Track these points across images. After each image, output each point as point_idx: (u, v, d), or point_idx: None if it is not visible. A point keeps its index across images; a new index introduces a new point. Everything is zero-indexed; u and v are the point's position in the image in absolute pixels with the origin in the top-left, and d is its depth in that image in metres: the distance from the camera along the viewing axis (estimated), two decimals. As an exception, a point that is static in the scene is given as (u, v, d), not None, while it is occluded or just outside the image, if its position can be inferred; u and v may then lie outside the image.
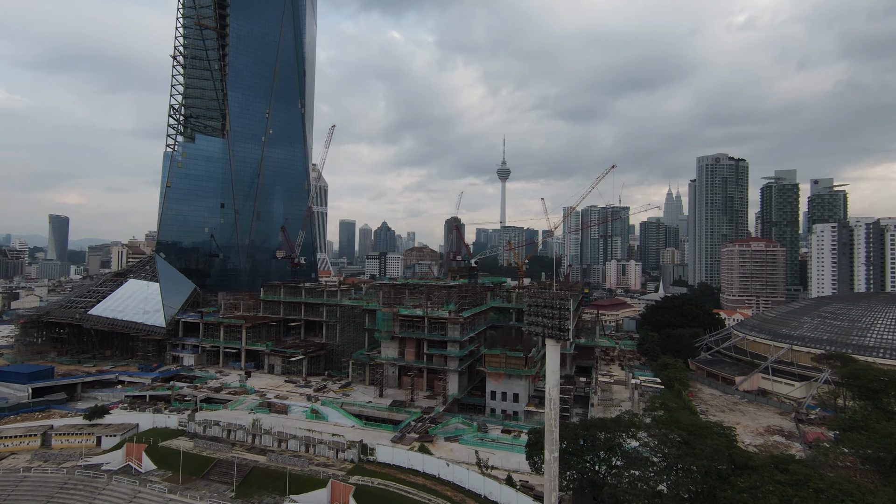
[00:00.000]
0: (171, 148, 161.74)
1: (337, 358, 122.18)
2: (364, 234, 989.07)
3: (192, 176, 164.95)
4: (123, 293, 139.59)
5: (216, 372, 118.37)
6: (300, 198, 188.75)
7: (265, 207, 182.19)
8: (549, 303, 49.97)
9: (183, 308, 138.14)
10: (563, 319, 48.61)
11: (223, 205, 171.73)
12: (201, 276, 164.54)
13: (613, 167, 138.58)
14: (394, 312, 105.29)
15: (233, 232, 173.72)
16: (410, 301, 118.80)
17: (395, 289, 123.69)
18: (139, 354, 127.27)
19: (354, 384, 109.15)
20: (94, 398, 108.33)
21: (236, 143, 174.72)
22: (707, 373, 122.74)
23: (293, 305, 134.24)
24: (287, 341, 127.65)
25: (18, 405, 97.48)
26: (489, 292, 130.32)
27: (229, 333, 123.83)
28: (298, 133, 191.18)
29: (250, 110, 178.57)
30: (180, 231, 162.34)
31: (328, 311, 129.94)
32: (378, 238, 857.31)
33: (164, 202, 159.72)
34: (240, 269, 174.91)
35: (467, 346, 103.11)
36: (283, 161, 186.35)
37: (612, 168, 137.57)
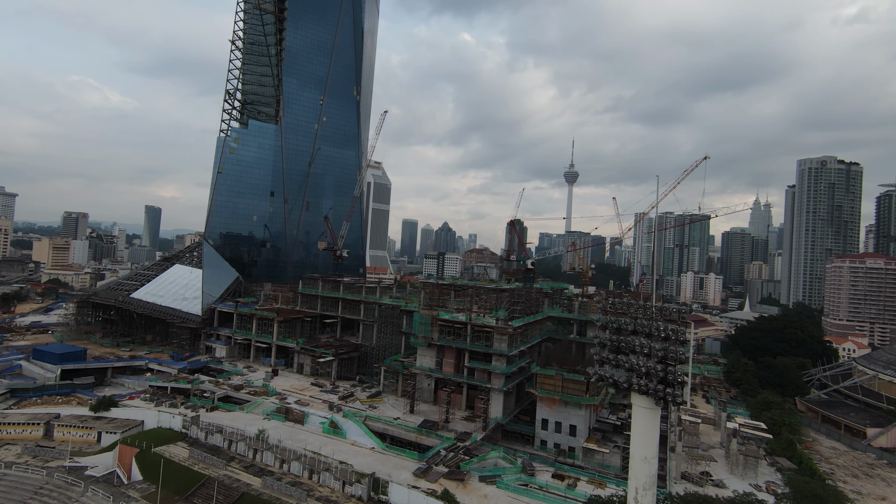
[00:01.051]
0: (225, 134, 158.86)
1: (371, 361, 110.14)
2: (425, 233, 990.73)
3: (244, 163, 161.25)
4: (166, 278, 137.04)
5: (244, 367, 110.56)
6: (352, 189, 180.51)
7: (315, 198, 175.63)
8: (644, 327, 32.28)
9: (222, 297, 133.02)
10: (671, 362, 30.67)
11: (273, 193, 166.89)
12: (247, 266, 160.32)
13: (706, 158, 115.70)
14: (432, 316, 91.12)
15: (281, 222, 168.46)
16: (455, 304, 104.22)
17: (440, 289, 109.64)
18: (174, 342, 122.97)
19: (385, 394, 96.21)
20: (122, 384, 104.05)
21: (289, 130, 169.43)
22: (823, 417, 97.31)
23: (331, 301, 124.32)
24: (321, 339, 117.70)
25: (43, 387, 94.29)
26: (547, 299, 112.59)
27: (261, 327, 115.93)
28: (353, 122, 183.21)
29: (304, 97, 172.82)
30: (229, 218, 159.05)
31: (366, 310, 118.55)
32: (438, 238, 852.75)
33: (215, 188, 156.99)
34: (286, 261, 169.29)
35: (516, 362, 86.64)
36: (335, 150, 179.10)
37: (705, 159, 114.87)
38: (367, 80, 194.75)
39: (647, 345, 31.43)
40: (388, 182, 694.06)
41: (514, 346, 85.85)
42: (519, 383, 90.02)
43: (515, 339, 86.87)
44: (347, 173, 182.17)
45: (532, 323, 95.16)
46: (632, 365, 32.55)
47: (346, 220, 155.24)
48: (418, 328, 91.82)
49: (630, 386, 32.26)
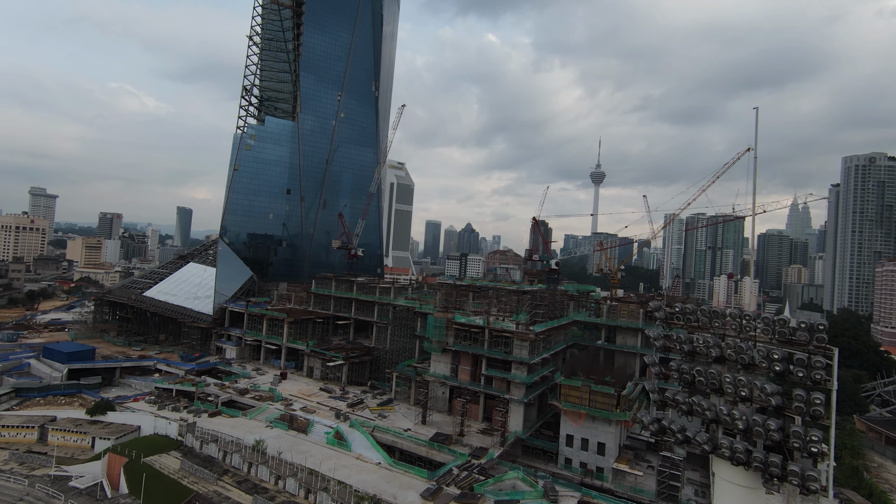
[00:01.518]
0: (241, 130, 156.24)
1: (384, 366, 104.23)
2: (449, 235, 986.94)
3: (260, 160, 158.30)
4: (180, 276, 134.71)
5: (254, 369, 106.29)
6: (370, 186, 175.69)
7: (332, 196, 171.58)
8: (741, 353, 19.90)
9: (235, 296, 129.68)
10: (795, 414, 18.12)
11: (289, 191, 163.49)
12: (263, 265, 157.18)
13: (749, 150, 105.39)
14: (448, 319, 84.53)
15: (298, 220, 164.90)
16: (473, 306, 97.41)
17: (457, 290, 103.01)
18: (185, 342, 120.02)
19: (396, 402, 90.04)
20: (129, 385, 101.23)
21: (306, 127, 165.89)
22: (887, 439, 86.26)
23: (344, 301, 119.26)
24: (333, 341, 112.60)
25: (48, 387, 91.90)
26: (572, 302, 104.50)
27: (272, 328, 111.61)
28: (371, 118, 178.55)
29: (322, 92, 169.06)
30: (245, 216, 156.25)
31: (380, 311, 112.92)
32: (461, 239, 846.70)
33: (231, 185, 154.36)
34: (303, 260, 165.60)
35: (538, 371, 79.16)
36: (353, 147, 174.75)
37: (748, 151, 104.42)
38: (386, 77, 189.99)
39: (749, 383, 19.61)
40: (411, 183, 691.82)
41: (535, 353, 78.43)
42: (541, 394, 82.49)
43: (537, 345, 79.41)
44: (365, 171, 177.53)
45: (556, 328, 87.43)
46: (717, 414, 21.02)
47: (361, 217, 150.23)
48: (432, 332, 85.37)
49: (715, 449, 20.99)
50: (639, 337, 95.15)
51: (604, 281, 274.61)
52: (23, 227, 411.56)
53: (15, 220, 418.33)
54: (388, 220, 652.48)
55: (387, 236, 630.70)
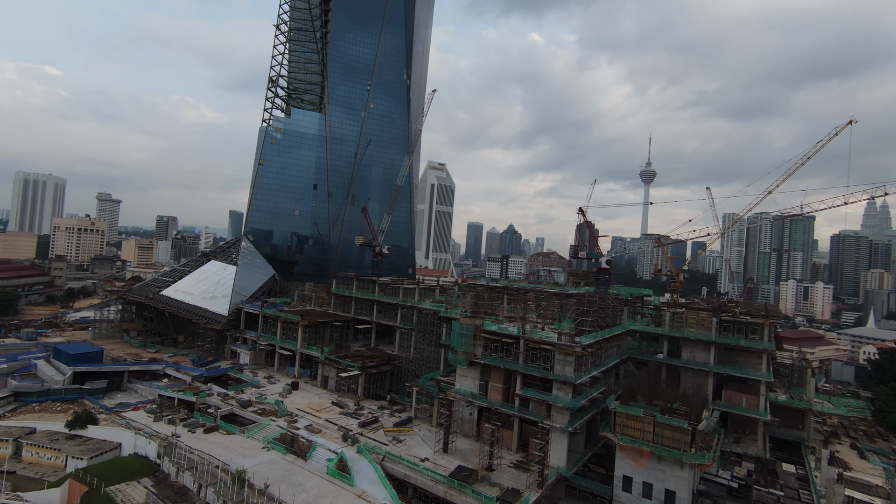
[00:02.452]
0: (266, 124, 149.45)
1: (406, 377, 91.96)
2: (491, 237, 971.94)
3: (286, 154, 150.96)
4: (199, 275, 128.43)
5: (265, 377, 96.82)
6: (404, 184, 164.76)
7: (361, 191, 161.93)
8: None
9: (254, 296, 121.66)
10: None
11: (316, 186, 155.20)
12: (288, 264, 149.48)
13: (852, 122, 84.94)
14: (475, 326, 71.05)
15: (325, 216, 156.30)
16: (507, 311, 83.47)
17: (489, 292, 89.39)
18: (199, 344, 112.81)
19: (417, 422, 77.29)
20: (136, 390, 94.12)
21: (333, 119, 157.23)
22: None
23: (365, 303, 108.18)
24: (351, 348, 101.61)
25: (48, 391, 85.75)
26: (626, 308, 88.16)
27: (286, 331, 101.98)
28: (402, 108, 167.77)
29: (350, 82, 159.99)
30: (270, 213, 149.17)
31: (404, 315, 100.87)
32: (503, 241, 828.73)
33: (255, 181, 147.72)
34: (330, 258, 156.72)
35: (586, 392, 64.19)
36: (383, 140, 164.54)
37: (850, 124, 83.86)
38: (418, 65, 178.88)
39: None
40: (452, 183, 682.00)
41: (583, 370, 63.52)
42: (590, 419, 67.31)
43: (585, 360, 64.44)
44: (396, 165, 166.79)
45: (608, 339, 71.88)
46: None
47: (387, 212, 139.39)
48: (458, 341, 72.07)
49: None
50: (711, 351, 77.81)
51: (658, 285, 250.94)
52: (84, 229, 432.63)
53: (77, 222, 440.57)
54: (428, 221, 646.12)
55: (427, 238, 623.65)
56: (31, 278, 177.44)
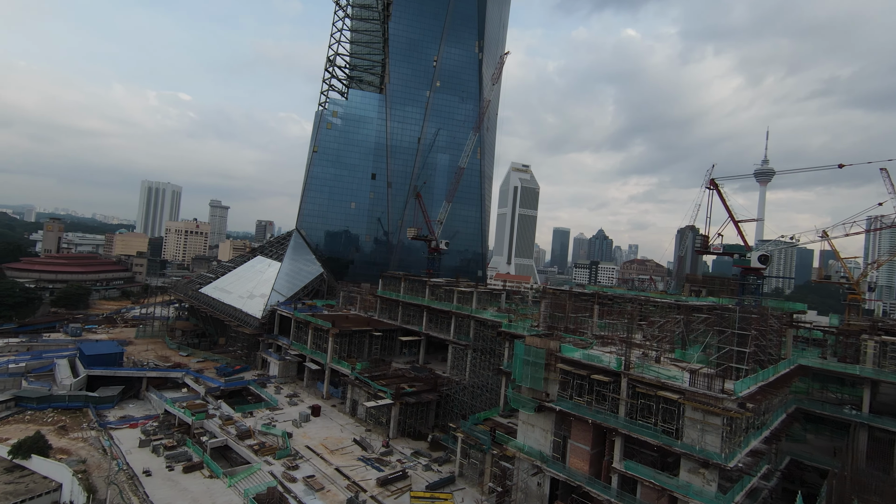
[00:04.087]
0: (323, 107, 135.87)
1: (459, 410, 68.83)
2: (578, 243, 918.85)
3: (342, 139, 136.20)
4: (242, 272, 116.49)
5: (289, 395, 79.24)
6: (470, 171, 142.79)
7: (425, 179, 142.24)
8: None
9: (296, 297, 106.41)
10: None
11: (374, 176, 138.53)
12: (342, 262, 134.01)
13: None
14: (548, 350, 46.14)
15: (383, 208, 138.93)
16: (599, 327, 57.47)
17: (573, 299, 63.69)
18: (231, 349, 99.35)
19: (462, 482, 53.79)
20: (149, 401, 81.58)
21: (395, 99, 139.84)
22: None
23: (414, 309, 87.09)
24: (392, 365, 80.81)
25: (51, 397, 75.28)
26: (789, 330, 57.08)
27: (317, 340, 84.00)
28: (472, 85, 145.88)
29: (414, 58, 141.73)
30: (324, 205, 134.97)
31: (458, 326, 78.00)
32: (592, 247, 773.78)
33: (309, 170, 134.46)
34: (389, 256, 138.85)
35: (744, 479, 36.40)
36: (450, 121, 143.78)
37: None
38: (492, 36, 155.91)
39: None
40: (536, 186, 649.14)
41: (737, 440, 36.04)
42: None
43: (739, 425, 36.80)
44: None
45: (775, 383, 42.91)
46: None
47: (446, 199, 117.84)
48: (521, 371, 47.64)
49: None
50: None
51: (798, 297, 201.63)
52: (190, 232, 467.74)
53: (185, 225, 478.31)
54: (510, 224, 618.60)
55: (509, 242, 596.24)
56: (112, 273, 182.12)
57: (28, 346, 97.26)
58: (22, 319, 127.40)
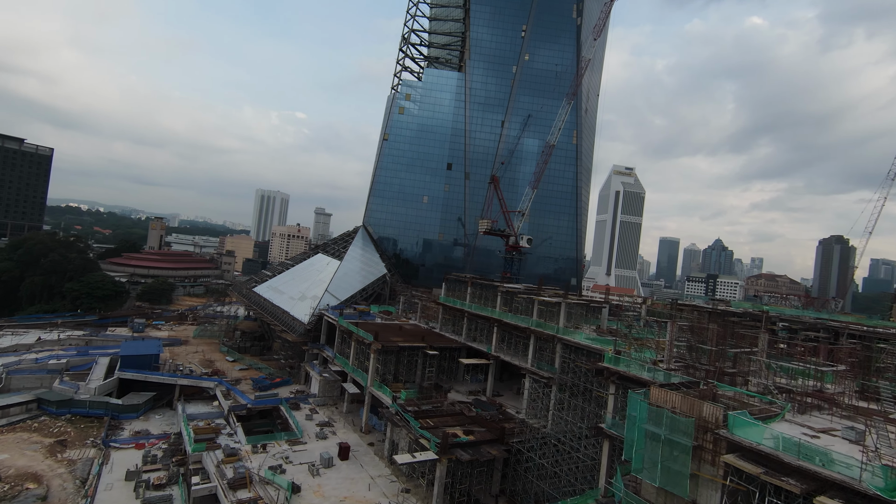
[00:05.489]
0: (395, 90, 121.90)
1: (535, 476, 46.96)
2: (689, 254, 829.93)
3: (415, 125, 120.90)
4: (299, 270, 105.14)
5: (321, 423, 63.20)
6: (564, 157, 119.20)
7: (510, 171, 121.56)
8: None
9: (352, 300, 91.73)
10: None
11: (450, 166, 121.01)
12: (411, 263, 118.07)
13: None
14: (701, 422, 23.16)
15: (460, 203, 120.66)
16: (773, 370, 32.63)
17: (719, 321, 39.00)
18: (275, 358, 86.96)
19: None
20: (174, 411, 70.90)
21: (476, 78, 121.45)
22: None
23: (482, 323, 66.71)
24: (448, 396, 61.05)
25: (71, 402, 67.17)
26: None
27: (359, 356, 67.24)
28: (569, 57, 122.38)
29: (499, 28, 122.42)
30: (394, 198, 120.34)
31: (538, 350, 56.05)
32: (707, 259, 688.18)
33: (379, 161, 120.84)
34: (465, 256, 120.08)
35: None
36: (541, 101, 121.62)
37: None
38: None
39: None
40: (641, 190, 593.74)
41: None
42: None
43: None
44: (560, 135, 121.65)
45: None
46: None
47: (530, 185, 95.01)
48: (644, 454, 25.19)
49: None
50: None
51: None
52: (293, 236, 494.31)
53: (288, 230, 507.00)
54: (611, 232, 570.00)
55: (609, 251, 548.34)
56: (202, 270, 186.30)
57: (87, 341, 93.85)
58: (108, 312, 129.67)
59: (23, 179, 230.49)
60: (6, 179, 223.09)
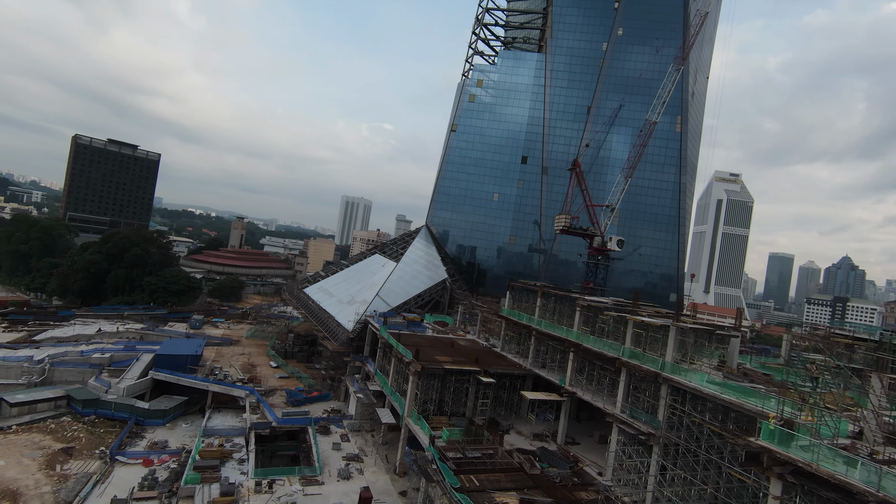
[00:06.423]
0: (465, 76, 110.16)
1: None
2: (806, 273, 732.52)
3: (488, 114, 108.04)
4: (353, 271, 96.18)
5: (348, 457, 51.75)
6: (664, 146, 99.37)
7: (598, 163, 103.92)
8: None
9: (405, 306, 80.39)
10: None
11: (525, 159, 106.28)
12: (478, 268, 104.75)
13: None
14: None
15: (535, 202, 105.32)
16: None
17: None
18: (317, 367, 77.75)
19: None
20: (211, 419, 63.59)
21: (558, 58, 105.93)
22: None
23: (553, 343, 51.44)
24: (507, 439, 46.51)
25: (97, 402, 62.33)
26: None
27: (398, 377, 55.03)
28: (673, 31, 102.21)
29: (587, 2, 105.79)
30: (461, 196, 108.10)
31: (633, 391, 39.87)
32: (830, 279, 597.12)
33: (445, 154, 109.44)
34: (540, 262, 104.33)
35: None
36: (635, 81, 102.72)
37: None
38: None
39: None
40: (749, 199, 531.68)
41: None
42: None
43: None
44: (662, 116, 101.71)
45: None
46: None
47: (623, 174, 76.46)
48: None
49: None
50: None
51: None
52: (370, 240, 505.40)
53: (368, 234, 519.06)
54: (710, 245, 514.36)
55: (708, 266, 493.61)
56: (274, 270, 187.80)
57: (141, 335, 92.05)
58: (179, 306, 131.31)
59: (134, 182, 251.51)
60: (121, 182, 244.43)
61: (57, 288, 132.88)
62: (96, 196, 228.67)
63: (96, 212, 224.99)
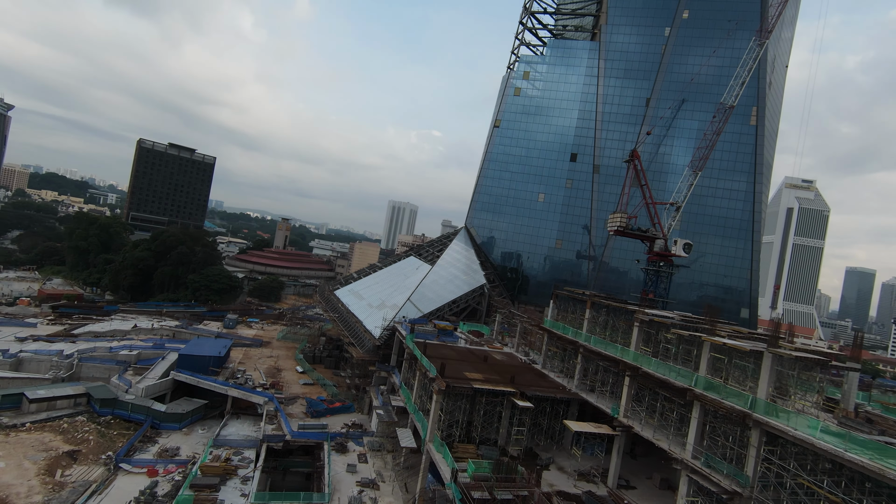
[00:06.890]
0: (510, 68, 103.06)
1: None
2: (891, 291, 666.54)
3: (534, 108, 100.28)
4: (386, 274, 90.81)
5: (363, 482, 45.74)
6: (736, 141, 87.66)
7: (658, 164, 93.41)
8: None
9: (438, 313, 73.90)
10: None
11: (575, 157, 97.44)
12: (521, 275, 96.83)
13: None
14: None
15: (585, 204, 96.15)
16: None
17: None
18: (343, 375, 72.57)
19: None
20: (227, 426, 59.80)
21: (614, 47, 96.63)
22: None
23: (604, 364, 43.11)
24: (545, 477, 38.66)
25: (115, 402, 59.92)
26: None
27: (422, 393, 48.44)
28: (751, 8, 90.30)
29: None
30: (504, 196, 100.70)
31: (709, 431, 31.10)
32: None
33: (488, 151, 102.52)
34: (589, 269, 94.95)
35: None
36: (706, 74, 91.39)
37: None
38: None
39: None
40: (825, 208, 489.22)
41: None
42: None
43: None
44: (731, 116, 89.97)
45: None
46: None
47: (692, 168, 65.71)
48: None
49: None
50: None
51: None
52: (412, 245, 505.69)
53: (412, 238, 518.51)
54: (779, 257, 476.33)
55: (776, 278, 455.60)
56: (313, 271, 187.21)
57: (174, 332, 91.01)
58: (220, 305, 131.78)
59: (191, 184, 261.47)
60: (179, 184, 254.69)
61: (109, 283, 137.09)
62: (156, 197, 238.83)
63: (156, 212, 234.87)
